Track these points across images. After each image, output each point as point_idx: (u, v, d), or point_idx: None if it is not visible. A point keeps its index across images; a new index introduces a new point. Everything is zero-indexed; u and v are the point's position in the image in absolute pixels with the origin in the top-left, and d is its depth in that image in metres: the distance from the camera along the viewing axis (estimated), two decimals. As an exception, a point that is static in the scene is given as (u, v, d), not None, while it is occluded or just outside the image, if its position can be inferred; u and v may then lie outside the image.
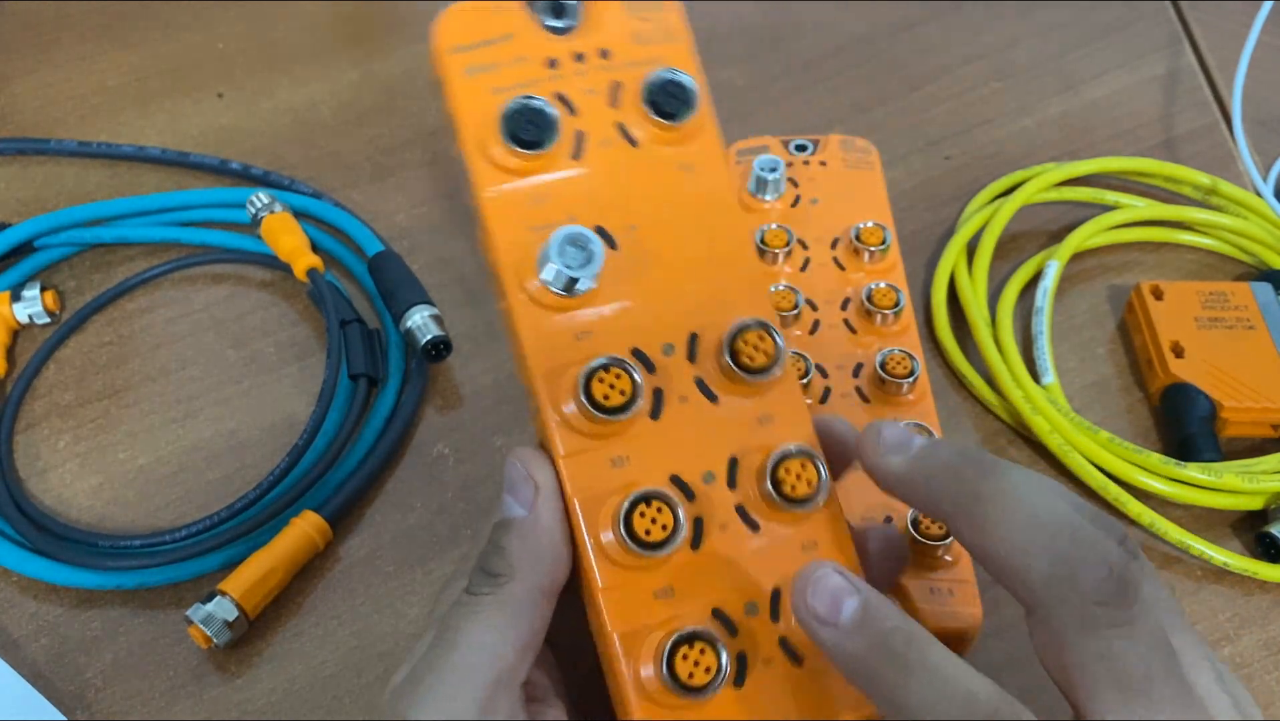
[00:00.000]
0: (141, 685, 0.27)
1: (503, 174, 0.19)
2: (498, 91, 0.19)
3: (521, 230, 0.18)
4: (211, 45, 0.43)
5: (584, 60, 0.19)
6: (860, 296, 0.32)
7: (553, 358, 0.18)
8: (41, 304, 0.34)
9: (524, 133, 0.18)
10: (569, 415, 0.18)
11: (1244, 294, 0.33)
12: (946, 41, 0.44)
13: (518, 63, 0.19)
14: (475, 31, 0.19)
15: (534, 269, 0.18)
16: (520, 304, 0.18)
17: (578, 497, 0.18)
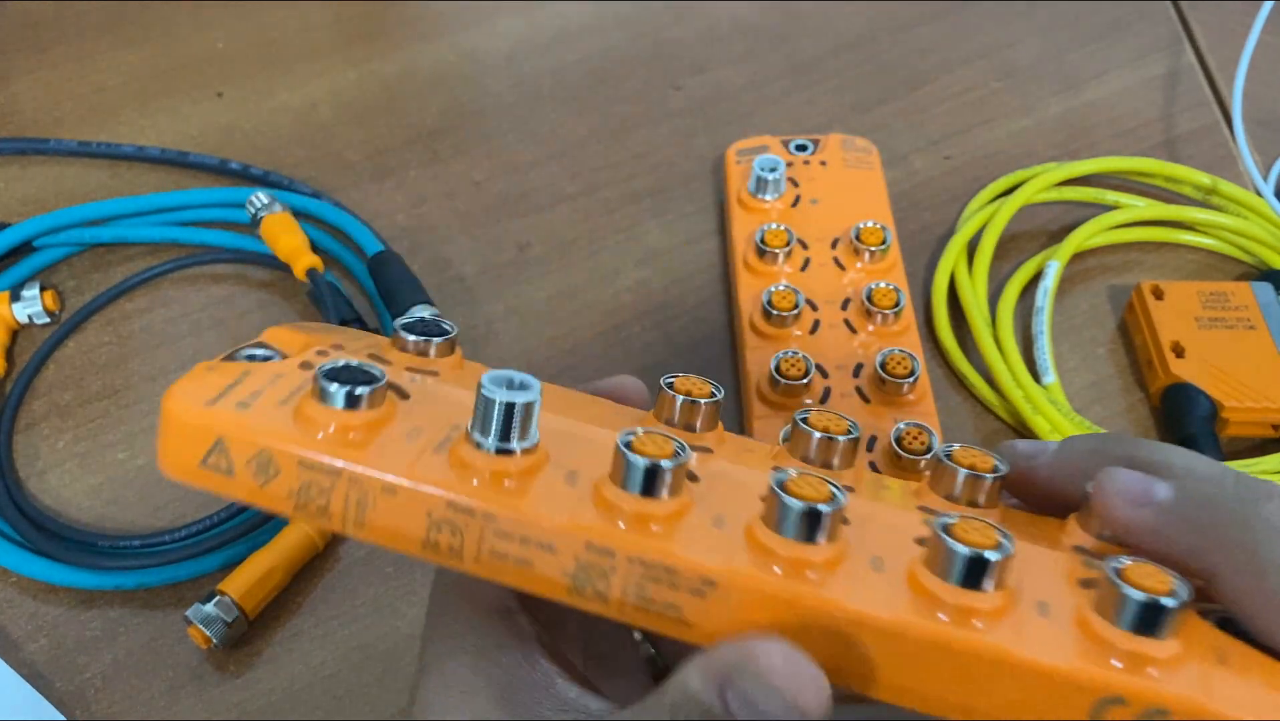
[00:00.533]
0: (141, 685, 0.27)
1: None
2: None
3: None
4: (211, 45, 0.43)
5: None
6: (860, 296, 0.32)
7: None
8: (41, 304, 0.34)
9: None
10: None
11: (1244, 294, 0.33)
12: (946, 41, 0.44)
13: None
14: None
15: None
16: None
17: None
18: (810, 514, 0.15)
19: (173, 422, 0.16)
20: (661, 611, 0.15)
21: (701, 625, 0.15)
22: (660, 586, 0.15)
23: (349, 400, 0.16)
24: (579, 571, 0.15)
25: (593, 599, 0.15)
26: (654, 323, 0.35)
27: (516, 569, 0.15)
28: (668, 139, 0.40)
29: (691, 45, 0.44)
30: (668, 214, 0.38)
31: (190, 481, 0.16)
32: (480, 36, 0.44)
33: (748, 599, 0.15)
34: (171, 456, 0.16)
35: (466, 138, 0.40)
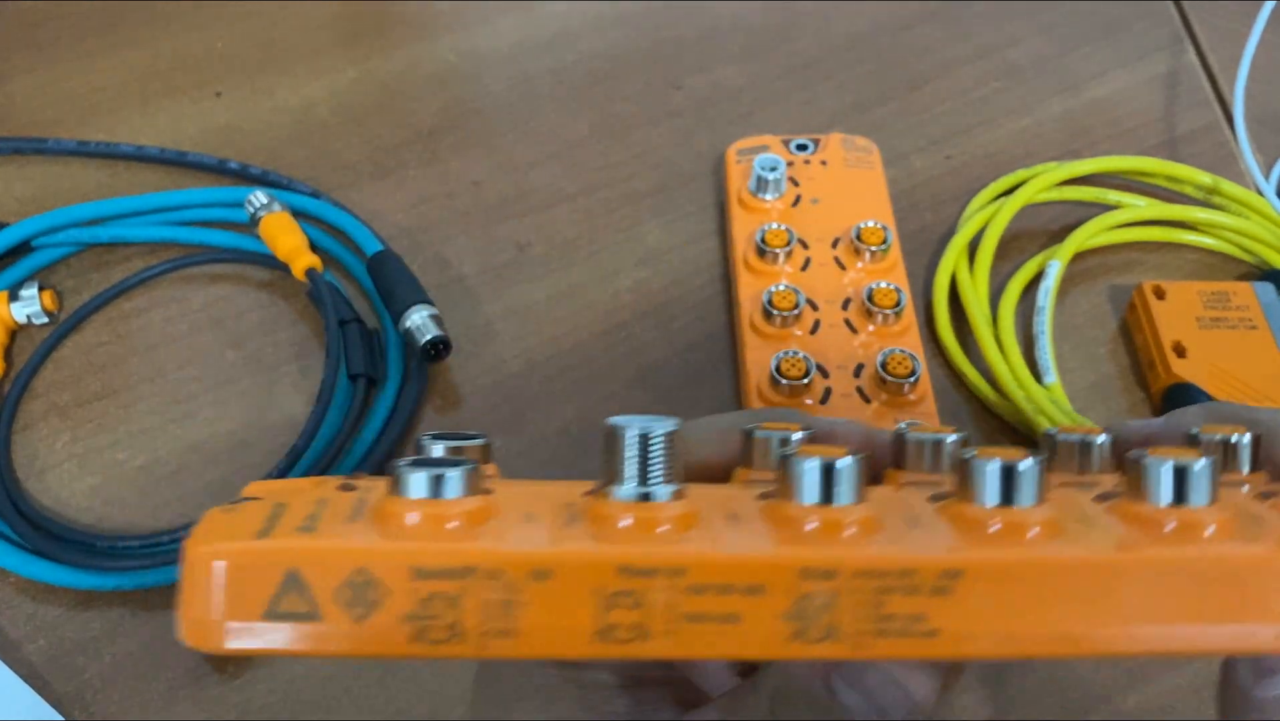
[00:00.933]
0: (140, 686, 0.27)
1: None
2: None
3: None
4: (210, 44, 0.43)
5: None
6: (861, 296, 0.32)
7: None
8: (39, 304, 0.33)
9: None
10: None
11: (1246, 293, 0.33)
12: (947, 40, 0.44)
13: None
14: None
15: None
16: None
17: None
18: (1009, 472, 0.13)
19: (213, 571, 0.12)
20: (905, 628, 0.13)
21: (950, 628, 0.13)
22: (896, 596, 0.13)
23: (456, 485, 0.13)
24: (798, 610, 0.13)
25: (820, 640, 0.13)
26: (654, 323, 0.35)
27: (721, 632, 0.13)
28: (668, 138, 0.40)
29: (692, 44, 0.44)
30: (668, 213, 0.38)
31: (247, 646, 0.12)
32: (480, 36, 0.44)
33: (994, 581, 0.13)
34: (210, 620, 0.12)
35: (466, 137, 0.40)
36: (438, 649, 0.12)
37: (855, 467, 0.14)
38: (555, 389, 0.33)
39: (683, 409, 0.32)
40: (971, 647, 0.13)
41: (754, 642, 0.13)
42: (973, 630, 0.13)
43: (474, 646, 0.12)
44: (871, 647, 0.13)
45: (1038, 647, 0.13)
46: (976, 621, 0.13)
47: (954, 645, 0.13)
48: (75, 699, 0.27)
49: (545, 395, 0.33)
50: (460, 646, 0.12)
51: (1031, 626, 0.13)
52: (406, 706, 0.27)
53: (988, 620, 0.13)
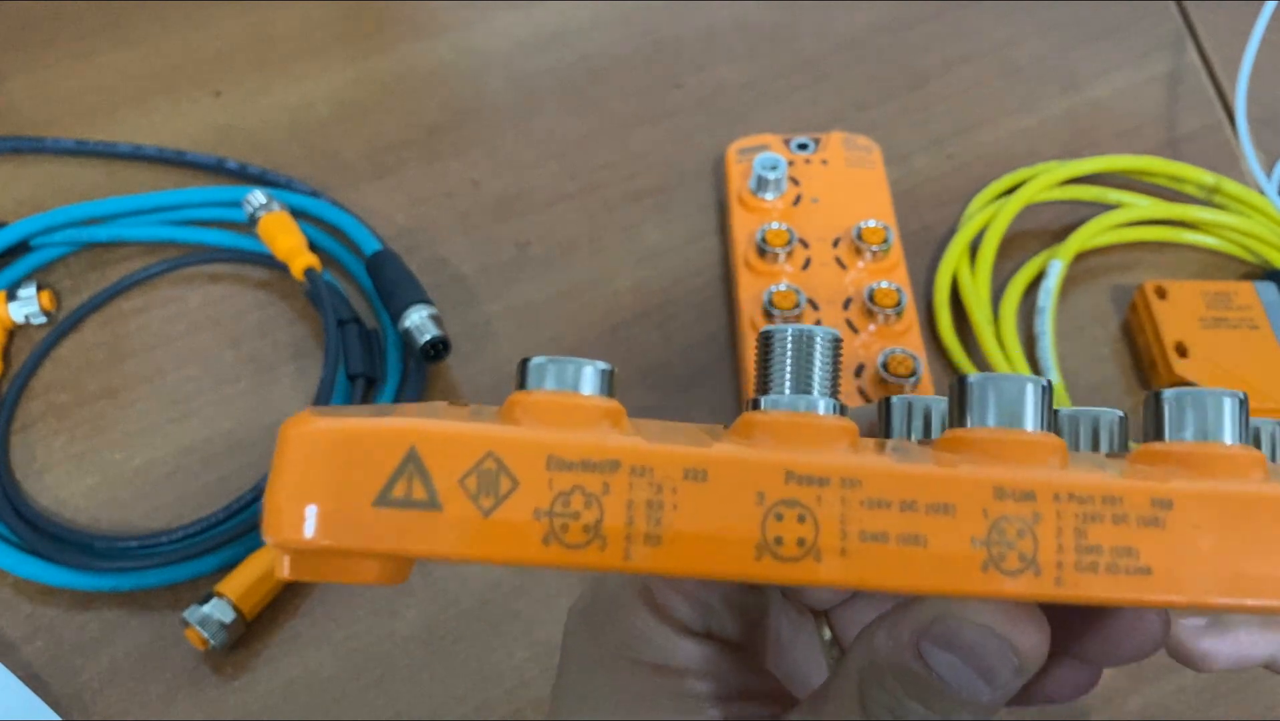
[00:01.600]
0: (138, 687, 0.27)
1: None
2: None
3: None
4: (208, 43, 0.43)
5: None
6: (862, 296, 0.32)
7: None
8: (38, 303, 0.33)
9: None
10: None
11: (1248, 293, 0.33)
12: (949, 39, 0.44)
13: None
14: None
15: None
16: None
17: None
18: (1198, 400, 0.12)
19: (316, 446, 0.11)
20: (1113, 563, 0.11)
21: (1165, 566, 0.11)
22: (1103, 526, 0.11)
23: (594, 381, 0.12)
24: (993, 535, 0.11)
25: (1017, 572, 0.11)
26: (654, 323, 0.35)
27: (902, 556, 0.11)
28: (668, 137, 0.40)
29: (692, 43, 0.43)
30: (668, 213, 0.38)
31: (348, 541, 0.11)
32: (479, 35, 0.44)
33: (1207, 510, 0.11)
34: (304, 505, 0.11)
35: (465, 136, 0.40)
36: (575, 554, 0.11)
37: (1040, 391, 0.12)
38: (555, 389, 0.33)
39: (683, 409, 0.32)
40: (1193, 591, 0.11)
41: (942, 570, 0.11)
42: (1192, 570, 0.11)
43: (616, 554, 0.11)
44: (1077, 585, 0.11)
45: (1267, 592, 0.11)
46: (1195, 560, 0.11)
47: (1170, 586, 0.11)
48: (74, 700, 0.27)
49: (545, 395, 0.33)
50: (600, 553, 0.11)
51: (1260, 568, 0.11)
52: (406, 708, 0.27)
53: (1208, 559, 0.11)
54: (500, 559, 0.11)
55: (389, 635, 0.28)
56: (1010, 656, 0.11)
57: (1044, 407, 0.12)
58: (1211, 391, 0.12)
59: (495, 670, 0.27)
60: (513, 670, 0.27)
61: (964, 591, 0.11)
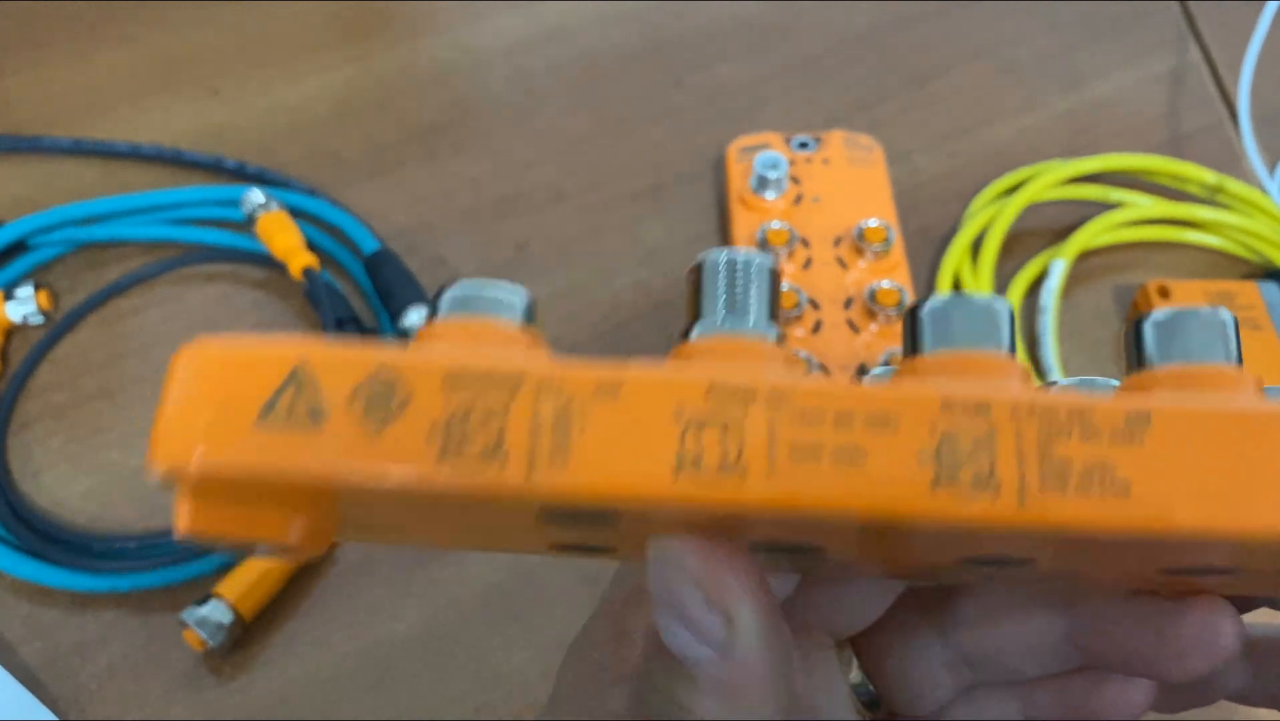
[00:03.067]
0: (136, 688, 0.27)
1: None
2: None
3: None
4: (206, 42, 0.43)
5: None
6: (863, 295, 0.32)
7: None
8: (35, 303, 0.33)
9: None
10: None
11: (1250, 293, 0.33)
12: (950, 37, 0.43)
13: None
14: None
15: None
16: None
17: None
18: (1183, 320, 0.11)
19: (199, 364, 0.10)
20: (1086, 480, 0.09)
21: (1148, 484, 0.10)
22: (1071, 441, 0.10)
23: (516, 307, 0.11)
24: (943, 449, 0.10)
25: (974, 489, 0.10)
26: (654, 322, 0.35)
27: (838, 475, 0.10)
28: (668, 136, 0.40)
29: (692, 42, 0.43)
30: (668, 212, 0.38)
31: (228, 459, 0.10)
32: (479, 33, 0.43)
33: (1191, 427, 0.10)
34: (188, 425, 0.10)
35: (465, 135, 0.40)
36: (472, 473, 0.10)
37: (1005, 309, 0.11)
38: (555, 389, 0.33)
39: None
40: (1179, 514, 0.09)
41: (884, 488, 0.10)
42: (1175, 489, 0.09)
43: (518, 472, 0.10)
44: (1045, 505, 0.09)
45: (1260, 518, 0.09)
46: (1178, 479, 0.09)
47: (1154, 509, 0.09)
48: (71, 701, 0.27)
49: (544, 395, 0.33)
50: (501, 471, 0.10)
51: (1250, 493, 0.09)
52: (405, 709, 0.27)
53: (1192, 479, 0.10)
54: (393, 479, 0.10)
55: (388, 636, 0.28)
56: (690, 585, 0.10)
57: (1007, 329, 0.11)
58: (1198, 309, 0.11)
59: (495, 671, 0.27)
60: (512, 671, 0.27)
61: (913, 513, 0.10)
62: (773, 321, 0.11)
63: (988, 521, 0.10)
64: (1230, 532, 0.10)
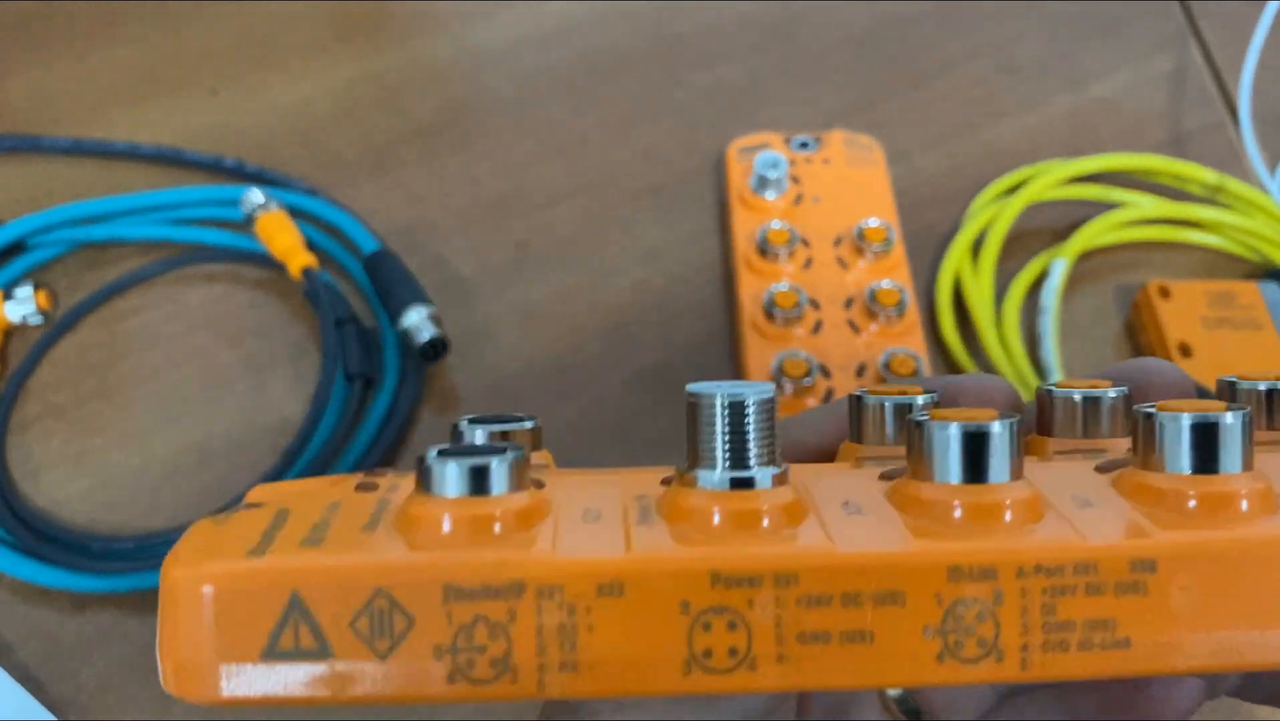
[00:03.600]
0: (135, 690, 0.27)
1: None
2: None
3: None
4: (205, 41, 0.43)
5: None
6: (864, 295, 0.32)
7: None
8: (34, 303, 0.33)
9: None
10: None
11: (1251, 293, 0.33)
12: (950, 37, 0.43)
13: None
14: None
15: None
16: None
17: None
18: (1207, 430, 0.10)
19: (196, 597, 0.10)
20: (1087, 640, 0.10)
21: (1147, 637, 0.10)
22: (1074, 598, 0.10)
23: (501, 479, 0.11)
24: (948, 623, 0.10)
25: (978, 660, 0.10)
26: (654, 322, 0.35)
27: (847, 656, 0.10)
28: (668, 136, 0.40)
29: (693, 41, 0.43)
30: (668, 212, 0.37)
31: (242, 694, 0.10)
32: (479, 32, 0.43)
33: (1199, 571, 0.10)
34: (199, 662, 0.10)
35: (465, 134, 0.40)
36: (484, 689, 0.10)
37: (1010, 433, 0.11)
38: (554, 389, 0.33)
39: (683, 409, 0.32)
40: (1178, 661, 0.10)
41: (892, 667, 0.10)
42: (1177, 638, 0.10)
43: (529, 685, 0.10)
44: (1045, 666, 0.10)
45: (1262, 657, 0.10)
46: (1181, 626, 0.10)
47: (1154, 658, 0.10)
48: (70, 702, 0.27)
49: (544, 395, 0.33)
50: (513, 685, 0.10)
51: (1257, 629, 0.10)
52: (405, 709, 0.27)
53: (1196, 623, 0.10)
54: (405, 700, 0.10)
55: (387, 637, 0.28)
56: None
57: (1012, 451, 0.11)
58: (1214, 416, 0.11)
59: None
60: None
61: (919, 684, 0.10)
62: (773, 460, 0.11)
63: (991, 680, 0.10)
64: (1224, 669, 0.10)
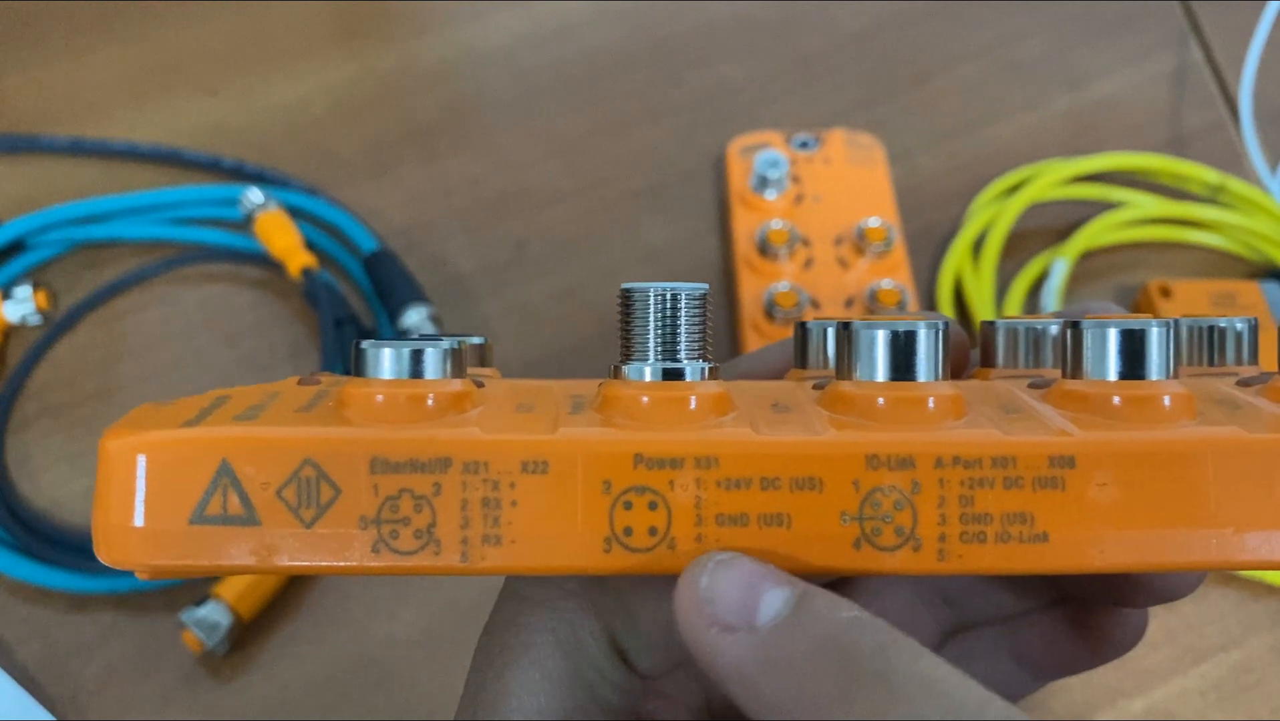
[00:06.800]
0: (135, 690, 0.27)
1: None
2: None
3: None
4: (205, 41, 0.43)
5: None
6: (865, 295, 0.32)
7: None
8: (33, 303, 0.33)
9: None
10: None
11: (1252, 293, 0.33)
12: (951, 36, 0.43)
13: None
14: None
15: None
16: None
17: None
18: (1133, 336, 0.11)
19: (129, 464, 0.10)
20: (1004, 532, 0.10)
21: (1065, 533, 0.10)
22: (991, 491, 0.10)
23: (435, 364, 0.11)
24: (865, 510, 0.10)
25: (894, 549, 0.10)
26: (654, 322, 0.34)
27: (765, 537, 0.10)
28: (668, 135, 0.40)
29: (692, 40, 0.43)
30: (668, 212, 0.37)
31: (169, 560, 0.10)
32: (478, 31, 0.43)
33: (1119, 469, 0.10)
34: (129, 527, 0.10)
35: (464, 134, 0.40)
36: (408, 561, 0.10)
37: (936, 337, 0.11)
38: (554, 389, 0.33)
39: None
40: (1096, 558, 0.10)
41: (809, 551, 0.10)
42: (1095, 535, 0.10)
43: (452, 557, 0.10)
44: (962, 557, 0.10)
45: (1181, 556, 0.10)
46: (1099, 523, 0.10)
47: (1072, 555, 0.10)
48: (69, 702, 0.27)
49: (544, 395, 0.33)
50: (435, 558, 0.10)
51: (1175, 528, 0.10)
52: (404, 710, 0.27)
53: (1114, 521, 0.10)
54: (329, 570, 0.10)
55: (387, 637, 0.28)
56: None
57: (937, 354, 0.11)
58: (1133, 322, 0.11)
59: (494, 673, 0.27)
60: (512, 673, 0.27)
61: (837, 570, 0.10)
62: (705, 355, 0.11)
63: (909, 571, 0.10)
64: (1138, 568, 0.10)
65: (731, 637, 0.10)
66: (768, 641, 0.10)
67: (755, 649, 0.10)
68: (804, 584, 0.11)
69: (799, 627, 0.10)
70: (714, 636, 0.10)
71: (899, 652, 0.10)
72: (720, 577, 0.10)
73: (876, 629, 0.10)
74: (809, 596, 0.10)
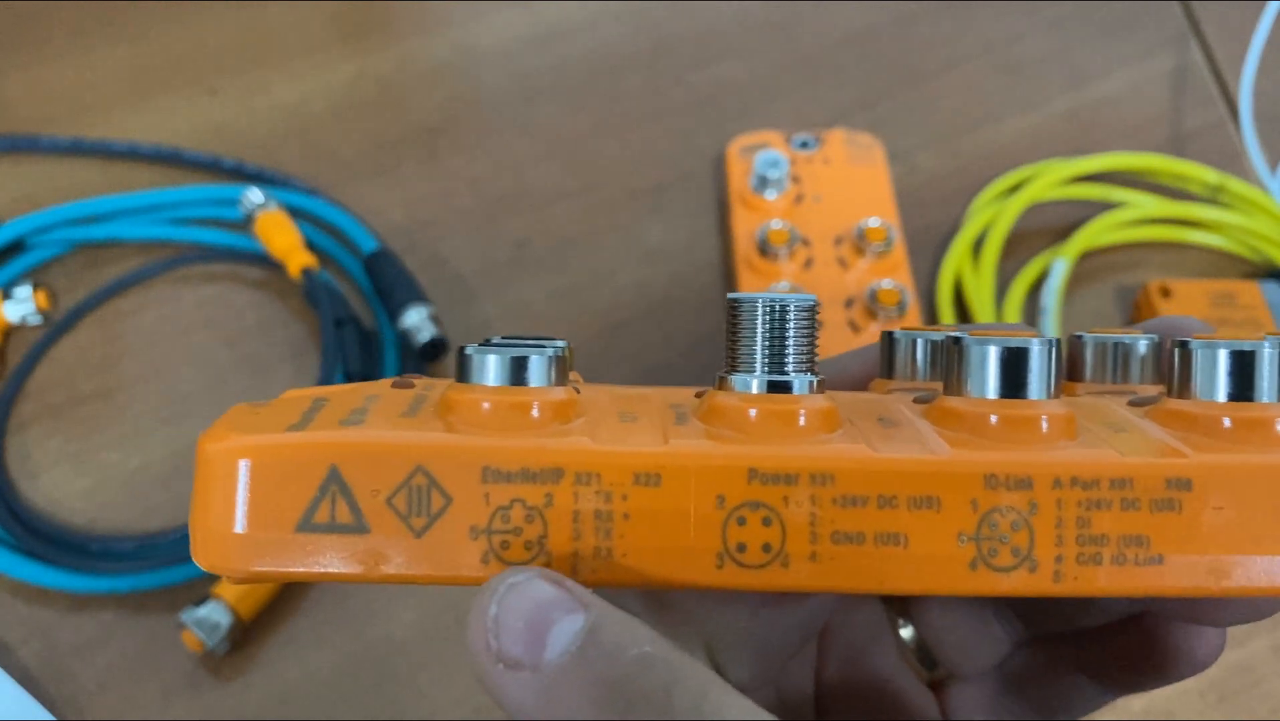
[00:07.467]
0: (135, 690, 0.27)
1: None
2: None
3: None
4: (204, 41, 0.43)
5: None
6: (865, 295, 0.32)
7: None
8: (33, 303, 0.33)
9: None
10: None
11: (1252, 293, 0.33)
12: (951, 36, 0.43)
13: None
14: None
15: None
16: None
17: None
18: (1242, 358, 0.11)
19: (231, 470, 0.10)
20: (1120, 554, 0.10)
21: (1180, 555, 0.10)
22: (1109, 514, 0.10)
23: (540, 371, 0.10)
24: (983, 530, 0.10)
25: (1010, 570, 0.10)
26: (654, 322, 0.34)
27: (881, 556, 0.10)
28: (668, 135, 0.40)
29: (693, 40, 0.43)
30: (668, 212, 0.37)
31: (270, 567, 0.10)
32: (479, 31, 0.43)
33: (1235, 491, 0.10)
34: (230, 534, 0.10)
35: (464, 134, 0.40)
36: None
37: (1049, 353, 0.11)
38: (554, 389, 0.33)
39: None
40: (1210, 581, 0.10)
41: (925, 571, 0.10)
42: (1210, 559, 0.10)
43: (564, 569, 0.10)
44: (1078, 579, 0.10)
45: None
46: (1214, 546, 0.10)
47: (1186, 577, 0.10)
48: (69, 702, 0.27)
49: (544, 395, 0.32)
50: (546, 564, 0.10)
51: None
52: (404, 710, 0.27)
53: (1229, 544, 0.10)
54: (436, 580, 0.10)
55: (387, 637, 0.28)
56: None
57: (1050, 371, 0.11)
58: (1244, 344, 0.11)
59: (494, 673, 0.27)
60: (512, 673, 0.27)
61: (951, 591, 0.10)
62: (811, 369, 0.11)
63: (1024, 593, 0.10)
64: (1255, 592, 0.10)
65: (515, 676, 0.10)
66: (550, 683, 0.10)
67: (538, 693, 0.10)
68: (600, 607, 0.10)
69: (584, 666, 0.10)
70: (499, 674, 0.10)
71: (684, 694, 0.09)
72: (508, 606, 0.10)
73: (666, 666, 0.10)
74: (599, 628, 0.10)
